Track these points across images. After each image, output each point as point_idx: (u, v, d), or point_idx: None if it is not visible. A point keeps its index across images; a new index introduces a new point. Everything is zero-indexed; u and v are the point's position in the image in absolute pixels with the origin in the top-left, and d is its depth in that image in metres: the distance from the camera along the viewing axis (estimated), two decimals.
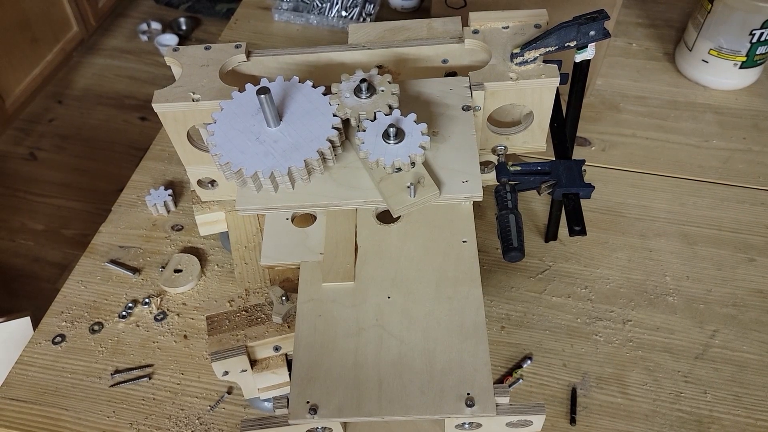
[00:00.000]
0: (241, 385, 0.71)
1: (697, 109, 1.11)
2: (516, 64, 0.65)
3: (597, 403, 0.77)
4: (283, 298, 0.69)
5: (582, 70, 0.70)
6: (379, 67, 0.72)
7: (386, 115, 0.57)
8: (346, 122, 0.59)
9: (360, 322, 0.61)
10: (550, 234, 0.92)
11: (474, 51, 0.70)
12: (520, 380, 0.79)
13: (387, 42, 0.71)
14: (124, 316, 0.84)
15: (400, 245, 0.65)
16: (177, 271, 0.88)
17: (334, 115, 0.58)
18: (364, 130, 0.57)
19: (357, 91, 0.58)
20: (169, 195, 0.95)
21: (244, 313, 0.70)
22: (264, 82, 0.60)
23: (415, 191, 0.56)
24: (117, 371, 0.80)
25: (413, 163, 0.56)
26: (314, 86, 0.60)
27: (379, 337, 0.60)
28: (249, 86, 0.60)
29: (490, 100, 0.65)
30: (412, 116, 0.57)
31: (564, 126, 0.73)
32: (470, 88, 0.65)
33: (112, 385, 0.79)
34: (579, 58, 0.68)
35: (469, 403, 0.55)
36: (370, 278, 0.64)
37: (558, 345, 0.82)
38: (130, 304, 0.85)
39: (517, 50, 0.65)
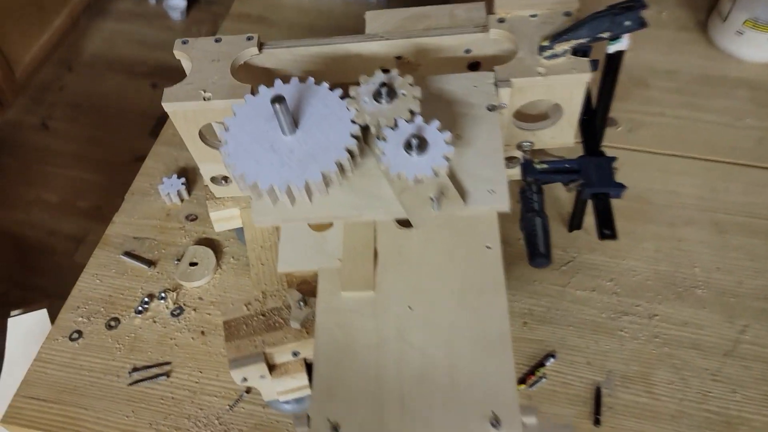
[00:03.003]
0: (260, 389, 0.70)
1: (730, 85, 1.05)
2: (545, 58, 0.61)
3: (622, 403, 0.75)
4: (301, 302, 0.67)
5: (614, 62, 0.65)
6: (398, 58, 0.68)
7: (408, 121, 0.54)
8: (365, 127, 0.56)
9: (381, 333, 0.59)
10: (575, 223, 0.89)
11: (499, 41, 0.66)
12: (543, 379, 0.78)
13: (407, 32, 0.67)
14: (140, 312, 0.83)
15: (421, 251, 0.62)
16: (192, 264, 0.86)
17: (353, 122, 0.54)
18: (385, 140, 0.54)
19: (377, 95, 0.54)
20: (182, 184, 0.93)
21: (261, 317, 0.68)
22: (278, 85, 0.57)
23: (438, 203, 0.54)
24: (135, 369, 0.79)
25: (436, 174, 0.53)
26: (331, 88, 0.56)
27: (400, 349, 0.58)
28: (262, 89, 0.57)
29: (516, 96, 0.62)
30: (436, 124, 0.53)
31: (594, 119, 0.69)
32: (496, 84, 0.61)
33: (130, 384, 0.78)
34: (612, 49, 0.64)
35: (494, 422, 0.53)
36: (390, 287, 0.61)
37: (582, 341, 0.80)
38: (146, 299, 0.84)
39: (546, 43, 0.61)
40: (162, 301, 0.84)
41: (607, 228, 0.63)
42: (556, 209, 0.91)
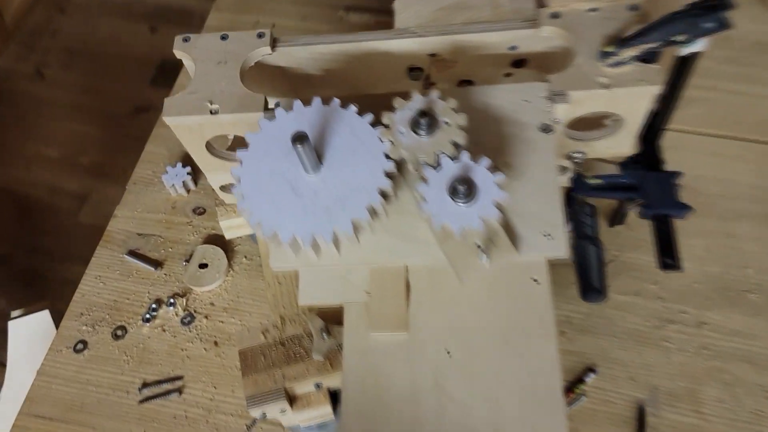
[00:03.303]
0: (280, 420, 0.64)
1: None
2: (607, 65, 0.52)
3: (667, 424, 0.70)
4: (324, 332, 0.61)
5: (685, 65, 0.56)
6: (432, 55, 0.59)
7: (452, 158, 0.46)
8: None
9: (416, 382, 0.53)
10: (618, 218, 0.81)
11: (551, 38, 0.57)
12: (583, 398, 0.72)
13: (443, 27, 0.57)
14: (148, 320, 0.77)
15: (459, 285, 0.55)
16: (202, 266, 0.80)
17: (387, 157, 0.46)
18: (425, 181, 0.46)
19: (414, 125, 0.46)
20: (188, 173, 0.85)
21: (280, 347, 0.63)
22: (298, 108, 0.48)
23: (487, 254, 0.46)
24: (145, 384, 0.74)
25: (487, 226, 0.45)
26: (360, 113, 0.48)
27: (438, 402, 0.52)
28: (280, 113, 0.49)
29: (573, 108, 0.53)
30: (485, 162, 0.45)
31: (654, 127, 0.61)
32: (550, 98, 0.52)
33: (141, 401, 0.73)
34: (686, 51, 0.54)
35: None
36: (425, 327, 0.55)
37: (625, 354, 0.74)
38: (154, 305, 0.78)
39: (610, 49, 0.52)
40: (171, 308, 0.78)
41: (669, 256, 0.56)
42: (595, 199, 0.83)
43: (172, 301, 0.78)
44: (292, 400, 0.63)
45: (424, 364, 0.54)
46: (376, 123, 0.47)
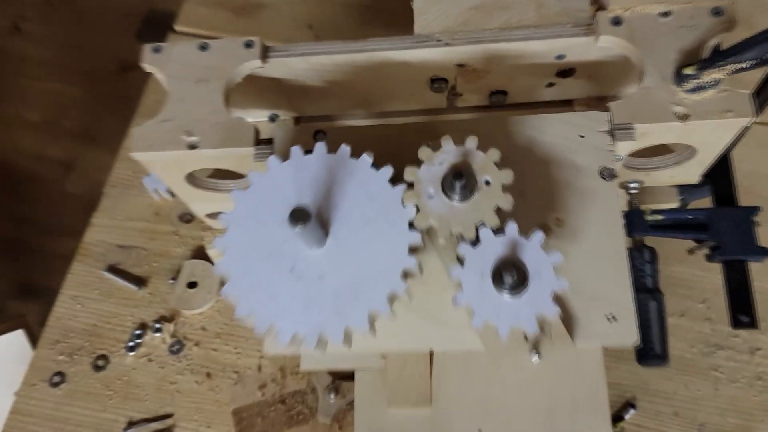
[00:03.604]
0: None
1: None
2: (685, 91, 0.41)
3: None
4: (332, 391, 0.52)
5: None
6: (461, 65, 0.48)
7: (495, 231, 0.35)
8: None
9: None
10: None
11: (610, 48, 0.45)
12: None
13: (475, 34, 0.46)
14: (132, 348, 0.69)
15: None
16: (191, 285, 0.71)
17: (412, 226, 0.36)
18: (462, 262, 0.36)
19: (447, 187, 0.36)
20: None
21: (280, 405, 0.54)
22: (296, 157, 0.38)
23: (536, 349, 0.37)
24: (131, 423, 0.66)
25: (542, 328, 0.36)
26: (375, 166, 0.38)
27: None
28: (273, 163, 0.38)
29: (637, 142, 0.42)
30: (538, 237, 0.35)
31: (727, 155, 0.50)
32: (612, 133, 0.41)
33: None
34: None
35: None
36: (452, 401, 0.46)
37: (668, 385, 0.66)
38: (138, 331, 0.69)
39: (690, 71, 0.41)
40: (157, 334, 0.69)
41: (744, 312, 0.46)
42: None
43: (158, 326, 0.69)
44: None
45: None
46: (397, 179, 0.37)
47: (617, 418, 0.65)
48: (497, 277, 0.34)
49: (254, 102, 0.53)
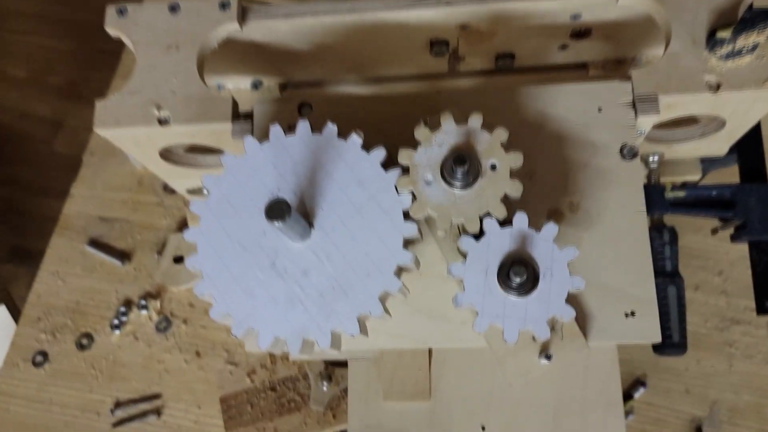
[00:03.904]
0: None
1: None
2: (718, 57, 0.37)
3: None
4: (324, 379, 0.49)
5: None
6: (463, 27, 0.43)
7: (501, 222, 0.31)
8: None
9: None
10: None
11: (632, 6, 0.40)
12: (631, 416, 0.62)
13: None
14: (117, 326, 0.66)
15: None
16: (177, 259, 0.67)
17: (407, 217, 0.32)
18: (462, 257, 0.32)
19: (447, 172, 0.31)
20: None
21: (271, 393, 0.51)
22: (276, 138, 0.33)
23: (546, 352, 0.33)
24: (118, 404, 0.64)
25: (553, 328, 0.32)
26: (366, 147, 0.33)
27: None
28: (250, 144, 0.34)
29: (661, 114, 0.38)
30: (551, 230, 0.31)
31: (757, 128, 0.45)
32: (634, 105, 0.37)
33: (114, 424, 0.63)
34: None
35: None
36: (453, 395, 0.43)
37: (680, 362, 0.63)
38: (123, 308, 0.66)
39: (724, 35, 0.36)
40: (143, 311, 0.66)
41: None
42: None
43: (143, 302, 0.66)
44: None
45: None
46: (391, 162, 0.33)
47: (627, 396, 0.62)
48: (503, 275, 0.30)
49: (234, 68, 0.48)
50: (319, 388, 0.49)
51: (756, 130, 0.45)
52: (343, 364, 0.50)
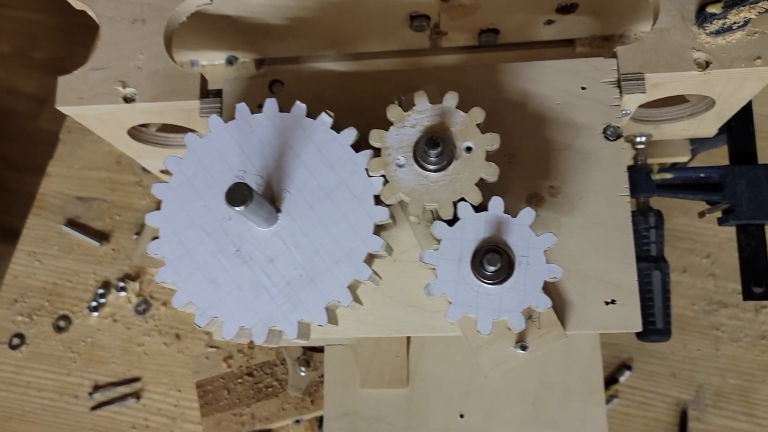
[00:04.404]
0: None
1: None
2: (708, 33, 0.35)
3: (713, 430, 0.60)
4: (302, 365, 0.48)
5: None
6: (444, 0, 0.41)
7: (476, 207, 0.30)
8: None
9: None
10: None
11: None
12: (615, 399, 0.61)
13: None
14: (95, 308, 0.64)
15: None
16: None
17: (378, 201, 0.31)
18: (435, 244, 0.30)
19: (420, 154, 0.30)
20: None
21: (248, 378, 0.50)
22: (241, 118, 0.32)
23: (523, 341, 0.32)
24: (96, 387, 0.63)
25: (530, 318, 0.31)
26: (336, 127, 0.31)
27: None
28: (215, 122, 0.32)
29: (647, 94, 0.36)
30: (529, 214, 0.29)
31: (747, 107, 0.44)
32: (619, 84, 0.35)
33: (93, 408, 0.62)
34: None
35: None
36: (431, 382, 0.42)
37: (666, 345, 0.63)
38: (101, 290, 0.65)
39: (714, 9, 0.34)
40: (122, 293, 0.65)
41: (757, 283, 0.41)
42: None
43: (122, 284, 0.65)
44: None
45: (430, 430, 0.41)
46: (364, 144, 0.31)
47: (611, 380, 0.62)
48: (477, 263, 0.29)
49: (207, 43, 0.46)
50: (297, 373, 0.48)
51: (746, 110, 0.43)
52: (321, 350, 0.48)
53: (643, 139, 0.44)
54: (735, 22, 0.34)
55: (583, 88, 0.35)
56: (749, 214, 0.42)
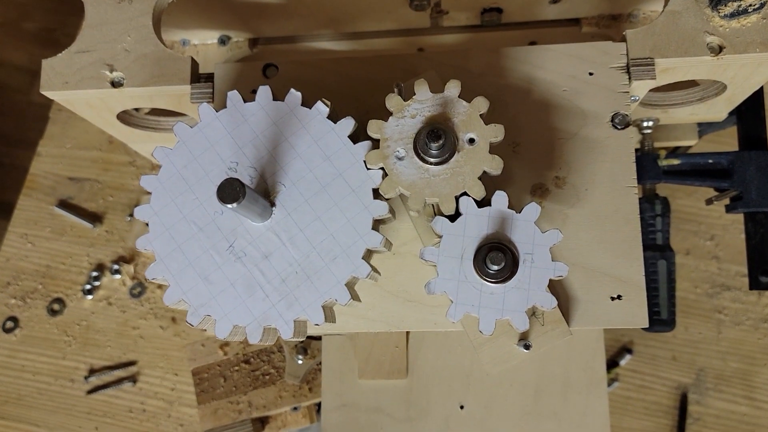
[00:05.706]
0: None
1: None
2: (721, 16, 0.33)
3: (713, 413, 0.60)
4: (299, 353, 0.47)
5: None
6: None
7: (479, 202, 0.28)
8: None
9: None
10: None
11: None
12: (616, 383, 0.61)
13: None
14: (90, 291, 0.63)
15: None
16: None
17: (377, 195, 0.29)
18: (437, 240, 0.29)
19: (420, 147, 0.28)
20: None
21: (244, 365, 0.49)
22: (234, 107, 0.30)
23: (526, 340, 0.31)
24: (92, 371, 0.62)
25: (534, 315, 0.30)
26: (332, 117, 0.30)
27: None
28: (206, 111, 0.31)
29: (657, 79, 0.35)
30: (534, 210, 0.28)
31: (759, 93, 0.42)
32: (628, 70, 0.34)
33: (89, 392, 0.61)
34: None
35: None
36: (430, 374, 0.41)
37: None
38: (96, 273, 0.64)
39: None
40: (116, 276, 0.64)
41: (765, 272, 0.41)
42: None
43: (116, 267, 0.64)
44: (264, 421, 0.50)
45: (429, 422, 0.41)
46: (360, 134, 0.30)
47: (612, 363, 0.61)
48: (480, 261, 0.28)
49: (199, 22, 0.44)
50: (294, 361, 0.47)
51: (758, 94, 0.42)
52: (319, 337, 0.48)
53: (651, 123, 0.42)
54: (750, 5, 0.33)
55: (591, 74, 0.34)
56: (758, 202, 0.41)
